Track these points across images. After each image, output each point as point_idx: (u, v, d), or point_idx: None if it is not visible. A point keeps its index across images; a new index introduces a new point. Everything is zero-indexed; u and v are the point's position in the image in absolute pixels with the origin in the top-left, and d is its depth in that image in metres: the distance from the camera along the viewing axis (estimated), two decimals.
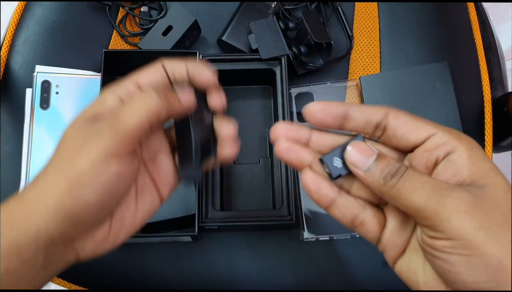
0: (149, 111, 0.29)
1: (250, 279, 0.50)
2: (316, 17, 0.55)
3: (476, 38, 0.58)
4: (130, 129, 0.29)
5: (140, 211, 0.33)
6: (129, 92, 0.33)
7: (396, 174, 0.28)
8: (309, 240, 0.50)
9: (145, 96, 0.30)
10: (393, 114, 0.29)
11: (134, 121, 0.29)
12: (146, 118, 0.29)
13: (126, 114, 0.29)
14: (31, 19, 0.58)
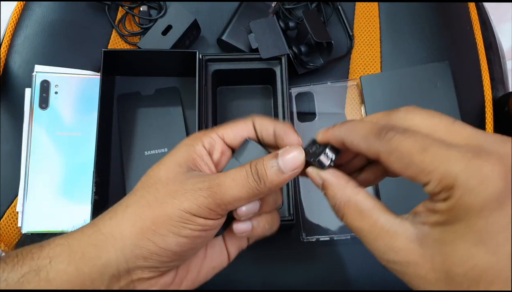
0: (249, 192, 0.30)
1: (250, 279, 0.50)
2: (316, 17, 0.55)
3: (477, 38, 0.58)
4: (228, 200, 0.29)
5: (208, 263, 0.34)
6: (213, 143, 0.33)
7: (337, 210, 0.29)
8: (309, 240, 0.50)
9: (247, 175, 0.30)
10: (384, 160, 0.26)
11: (233, 195, 0.29)
12: (245, 197, 0.30)
13: (228, 185, 0.29)
14: (30, 18, 0.58)
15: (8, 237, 0.51)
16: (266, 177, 0.30)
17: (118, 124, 0.54)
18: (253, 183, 0.29)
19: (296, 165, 0.30)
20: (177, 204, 0.29)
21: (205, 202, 0.29)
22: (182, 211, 0.29)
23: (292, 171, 0.30)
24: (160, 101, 0.54)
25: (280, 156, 0.30)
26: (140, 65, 0.54)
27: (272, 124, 0.33)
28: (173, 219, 0.29)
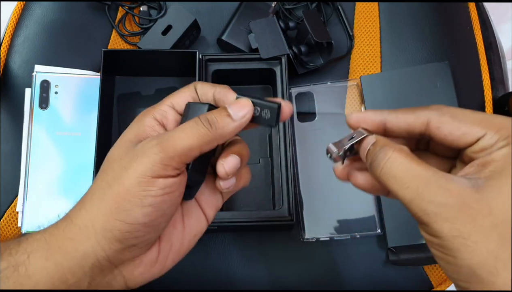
0: (200, 139, 0.29)
1: (250, 279, 0.50)
2: (316, 17, 0.55)
3: (477, 38, 0.58)
4: (180, 150, 0.29)
5: (188, 232, 0.33)
6: (165, 114, 0.33)
7: (377, 163, 0.28)
8: (309, 240, 0.50)
9: (197, 123, 0.30)
10: (434, 124, 0.28)
11: (185, 143, 0.29)
12: (197, 144, 0.29)
13: (177, 136, 0.29)
14: (30, 18, 0.58)
15: (8, 237, 0.51)
16: (217, 122, 0.30)
17: (118, 125, 0.54)
18: (203, 129, 0.30)
19: (245, 111, 0.31)
20: (132, 173, 0.28)
21: (157, 158, 0.28)
22: (139, 177, 0.28)
23: (241, 117, 0.31)
24: (160, 101, 0.54)
25: (228, 105, 0.31)
26: (140, 65, 0.54)
27: (211, 88, 0.34)
28: (132, 189, 0.28)
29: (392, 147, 0.28)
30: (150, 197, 0.28)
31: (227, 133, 0.30)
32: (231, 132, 0.31)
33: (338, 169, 0.33)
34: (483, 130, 0.26)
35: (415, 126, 0.29)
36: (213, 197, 0.35)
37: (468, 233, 0.24)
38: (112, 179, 0.29)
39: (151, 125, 0.32)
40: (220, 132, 0.30)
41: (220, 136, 0.30)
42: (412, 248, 0.49)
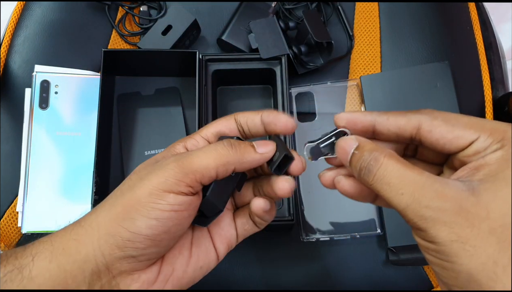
0: (217, 159, 0.29)
1: (250, 279, 0.50)
2: (316, 17, 0.55)
3: (477, 38, 0.58)
4: (195, 167, 0.29)
5: (194, 261, 0.33)
6: (196, 144, 0.33)
7: (368, 170, 0.27)
8: (309, 240, 0.50)
9: (217, 145, 0.30)
10: (426, 128, 0.28)
11: (200, 163, 0.29)
12: (213, 164, 0.29)
13: (195, 154, 0.30)
14: (30, 18, 0.58)
15: (8, 237, 0.51)
16: (239, 146, 0.30)
17: (118, 124, 0.54)
18: (222, 149, 0.30)
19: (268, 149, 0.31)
20: (146, 183, 0.29)
21: (171, 173, 0.28)
22: (151, 189, 0.28)
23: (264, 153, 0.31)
24: (160, 101, 0.54)
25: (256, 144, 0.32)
26: (140, 65, 0.54)
27: (257, 114, 0.34)
28: (142, 200, 0.28)
29: (382, 152, 0.27)
30: (157, 210, 0.28)
31: (246, 161, 0.31)
32: (249, 162, 0.31)
33: (323, 177, 0.32)
34: (476, 133, 0.26)
35: (406, 129, 0.28)
36: (227, 232, 0.35)
37: (466, 237, 0.23)
38: (127, 188, 0.30)
39: (179, 151, 0.32)
40: (239, 156, 0.30)
41: (239, 161, 0.30)
42: (412, 248, 0.49)
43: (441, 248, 0.24)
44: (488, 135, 0.26)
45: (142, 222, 0.28)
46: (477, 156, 0.26)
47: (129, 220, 0.28)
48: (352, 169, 0.29)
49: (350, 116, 0.31)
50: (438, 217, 0.24)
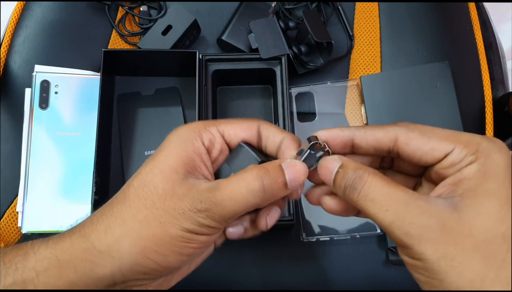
0: (247, 206, 0.28)
1: (250, 279, 0.50)
2: (316, 17, 0.55)
3: (477, 38, 0.58)
4: (228, 217, 0.29)
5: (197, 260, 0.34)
6: (213, 140, 0.32)
7: (353, 188, 0.27)
8: (309, 240, 0.50)
9: (251, 193, 0.28)
10: (403, 140, 0.28)
11: (233, 211, 0.28)
12: (244, 210, 0.29)
13: (227, 203, 0.28)
14: (30, 18, 0.58)
15: (8, 237, 0.51)
16: (273, 189, 0.28)
17: (118, 124, 0.54)
18: (254, 199, 0.28)
19: (300, 180, 0.29)
20: (177, 225, 0.28)
21: (205, 222, 0.28)
22: (183, 231, 0.28)
23: (294, 187, 0.29)
24: (160, 101, 0.54)
25: (285, 169, 0.29)
26: (140, 65, 0.54)
27: (281, 135, 0.32)
28: (175, 239, 0.28)
29: (366, 170, 0.27)
30: (190, 249, 0.29)
31: (275, 199, 0.30)
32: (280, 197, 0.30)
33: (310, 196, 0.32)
34: (451, 145, 0.26)
35: (384, 142, 0.29)
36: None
37: (452, 254, 0.24)
38: (153, 218, 0.28)
39: (199, 154, 0.30)
40: (270, 200, 0.29)
41: (268, 202, 0.30)
42: None
43: (429, 266, 0.24)
44: (463, 147, 0.26)
45: (175, 259, 0.29)
46: (453, 168, 0.26)
47: (160, 255, 0.28)
48: (336, 188, 0.29)
49: (328, 133, 0.31)
50: (423, 233, 0.24)
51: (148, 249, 0.28)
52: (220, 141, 0.32)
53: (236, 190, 0.28)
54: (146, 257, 0.28)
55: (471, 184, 0.25)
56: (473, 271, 0.23)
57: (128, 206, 0.29)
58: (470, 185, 0.25)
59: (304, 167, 0.30)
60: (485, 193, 0.25)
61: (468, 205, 0.25)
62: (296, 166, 0.29)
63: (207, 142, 0.31)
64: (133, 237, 0.28)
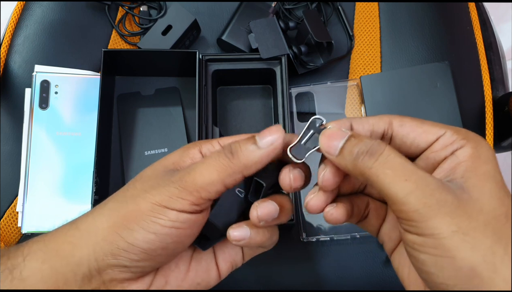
0: (221, 171, 0.28)
1: (250, 279, 0.50)
2: (316, 17, 0.55)
3: (477, 38, 0.58)
4: (199, 184, 0.28)
5: (191, 277, 0.32)
6: (211, 149, 0.32)
7: (371, 153, 0.26)
8: (309, 240, 0.50)
9: (217, 154, 0.28)
10: (397, 123, 0.29)
11: (204, 179, 0.28)
12: (218, 177, 0.28)
13: (196, 170, 0.28)
14: (30, 18, 0.58)
15: (8, 237, 0.51)
16: (240, 151, 0.28)
17: (118, 124, 0.54)
18: (224, 159, 0.28)
19: (273, 136, 0.28)
20: (149, 198, 0.28)
21: (175, 192, 0.28)
22: (154, 204, 0.28)
23: (269, 145, 0.28)
24: (160, 101, 0.54)
25: (257, 134, 0.29)
26: (140, 65, 0.54)
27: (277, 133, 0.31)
28: (144, 212, 0.28)
29: (383, 141, 0.27)
30: (157, 225, 0.28)
31: (251, 164, 0.28)
32: (256, 163, 0.28)
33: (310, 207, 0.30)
34: (442, 129, 0.28)
35: (379, 125, 0.29)
36: (232, 250, 0.33)
37: (466, 229, 0.24)
38: (130, 196, 0.29)
39: (192, 157, 0.31)
40: (243, 162, 0.28)
41: (244, 167, 0.28)
42: None
43: (440, 242, 0.24)
44: (453, 132, 0.27)
45: (140, 234, 0.28)
46: (446, 150, 0.27)
47: (127, 230, 0.28)
48: (343, 155, 0.27)
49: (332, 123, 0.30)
50: (440, 206, 0.24)
51: (118, 224, 0.28)
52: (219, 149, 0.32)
53: (207, 158, 0.29)
54: (116, 232, 0.28)
55: (469, 166, 0.26)
56: (485, 246, 0.23)
57: (116, 192, 0.30)
58: (468, 166, 0.26)
59: (279, 128, 0.29)
60: (485, 175, 0.26)
61: (474, 185, 0.25)
62: (270, 128, 0.29)
63: (205, 151, 0.32)
64: (108, 214, 0.29)
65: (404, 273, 0.29)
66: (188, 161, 0.31)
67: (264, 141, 0.28)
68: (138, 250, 0.28)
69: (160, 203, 0.28)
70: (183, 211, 0.28)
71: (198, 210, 0.28)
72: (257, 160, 0.28)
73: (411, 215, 0.25)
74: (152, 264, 0.29)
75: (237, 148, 0.28)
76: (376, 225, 0.32)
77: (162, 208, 0.28)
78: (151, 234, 0.28)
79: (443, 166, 0.27)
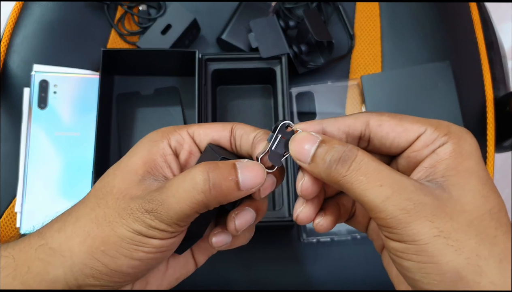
0: (196, 205, 0.26)
1: (249, 279, 0.50)
2: (317, 16, 0.54)
3: (478, 38, 0.58)
4: (176, 218, 0.26)
5: (170, 273, 0.31)
6: (181, 141, 0.30)
7: (343, 161, 0.25)
8: (309, 241, 0.50)
9: (195, 185, 0.26)
10: (375, 122, 0.27)
11: (180, 214, 0.26)
12: (192, 211, 0.26)
13: (172, 203, 0.26)
14: (29, 18, 0.57)
15: (7, 237, 0.50)
16: (220, 188, 0.26)
17: (117, 124, 0.53)
18: (199, 195, 0.26)
19: (256, 181, 0.27)
20: (126, 225, 0.26)
21: (153, 223, 0.26)
22: (133, 233, 0.26)
23: (249, 189, 0.27)
24: (159, 101, 0.54)
25: (240, 168, 0.27)
26: (139, 64, 0.54)
27: (254, 132, 0.30)
28: (124, 240, 0.26)
29: (355, 146, 0.26)
30: (142, 253, 0.27)
31: (228, 199, 0.27)
32: (233, 198, 0.27)
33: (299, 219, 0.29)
34: (423, 127, 0.26)
35: (356, 126, 0.27)
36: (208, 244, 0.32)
37: (448, 232, 0.23)
38: (103, 217, 0.27)
39: (163, 155, 0.29)
40: (220, 199, 0.27)
41: (219, 203, 0.27)
42: None
43: (423, 247, 0.23)
44: (434, 129, 0.26)
45: (124, 262, 0.26)
46: (427, 149, 0.26)
47: (109, 257, 0.26)
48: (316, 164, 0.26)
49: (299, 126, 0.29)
50: (420, 210, 0.23)
51: (95, 249, 0.27)
52: (189, 143, 0.30)
53: (181, 185, 0.26)
54: (94, 257, 0.26)
55: (449, 163, 0.25)
56: (469, 248, 0.23)
57: (84, 205, 0.28)
58: (449, 164, 0.25)
59: (262, 168, 0.27)
60: (467, 171, 0.24)
61: (454, 183, 0.24)
62: (253, 166, 0.27)
63: (174, 143, 0.30)
64: (83, 235, 0.27)
65: (393, 272, 0.29)
66: (159, 159, 0.29)
67: (247, 184, 0.27)
68: (122, 275, 0.27)
69: (140, 232, 0.26)
70: (164, 239, 0.27)
71: (180, 231, 0.28)
72: (235, 197, 0.27)
73: (390, 222, 0.24)
74: (135, 280, 0.29)
75: (217, 184, 0.26)
76: (363, 223, 0.32)
77: (143, 237, 0.26)
78: (136, 261, 0.27)
79: (423, 164, 0.26)
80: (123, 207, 0.27)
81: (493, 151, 0.53)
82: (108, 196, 0.28)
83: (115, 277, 0.27)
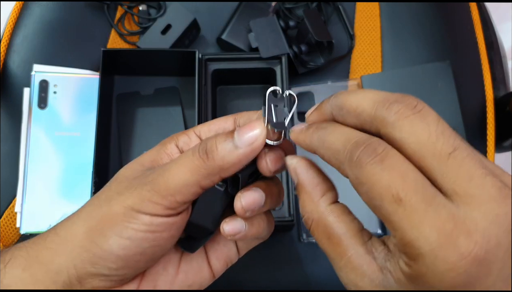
0: (195, 172, 0.25)
1: (249, 279, 0.50)
2: (317, 16, 0.54)
3: (478, 38, 0.58)
4: (173, 188, 0.26)
5: (181, 279, 0.30)
6: (188, 141, 0.30)
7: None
8: (309, 241, 0.50)
9: (191, 153, 0.26)
10: None
11: (178, 181, 0.26)
12: (192, 179, 0.26)
13: (169, 172, 0.26)
14: (29, 18, 0.57)
15: (7, 237, 0.50)
16: (216, 151, 0.25)
17: (117, 124, 0.53)
18: (198, 160, 0.25)
19: (253, 134, 0.25)
20: (122, 201, 0.26)
21: (147, 195, 0.26)
22: (125, 208, 0.26)
23: (248, 145, 0.25)
24: (159, 101, 0.54)
25: (237, 130, 0.26)
26: (139, 64, 0.54)
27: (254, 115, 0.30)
28: (117, 217, 0.26)
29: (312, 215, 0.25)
30: (131, 230, 0.26)
31: (228, 166, 0.25)
32: (234, 164, 0.26)
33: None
34: (393, 231, 0.22)
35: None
36: (225, 246, 0.31)
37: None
38: (105, 199, 0.27)
39: (170, 153, 0.29)
40: (219, 164, 0.25)
41: (221, 169, 0.25)
42: None
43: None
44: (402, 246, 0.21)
45: (115, 241, 0.26)
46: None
47: (102, 237, 0.26)
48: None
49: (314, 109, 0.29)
50: None
51: (93, 229, 0.27)
52: (196, 141, 0.30)
53: (179, 158, 0.27)
54: (92, 239, 0.26)
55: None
56: None
57: (94, 195, 0.29)
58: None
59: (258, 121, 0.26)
60: None
61: None
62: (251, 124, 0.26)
63: (181, 144, 0.30)
64: (85, 218, 0.28)
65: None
66: (166, 157, 0.29)
67: (243, 140, 0.25)
68: (115, 257, 0.26)
69: (132, 207, 0.26)
70: (156, 215, 0.26)
71: (174, 213, 0.27)
72: (235, 162, 0.25)
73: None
74: (131, 271, 0.28)
75: (213, 147, 0.26)
76: None
77: (135, 212, 0.26)
78: (126, 239, 0.26)
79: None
80: (124, 186, 0.28)
81: (493, 151, 0.53)
82: (113, 182, 0.29)
83: (109, 261, 0.26)
